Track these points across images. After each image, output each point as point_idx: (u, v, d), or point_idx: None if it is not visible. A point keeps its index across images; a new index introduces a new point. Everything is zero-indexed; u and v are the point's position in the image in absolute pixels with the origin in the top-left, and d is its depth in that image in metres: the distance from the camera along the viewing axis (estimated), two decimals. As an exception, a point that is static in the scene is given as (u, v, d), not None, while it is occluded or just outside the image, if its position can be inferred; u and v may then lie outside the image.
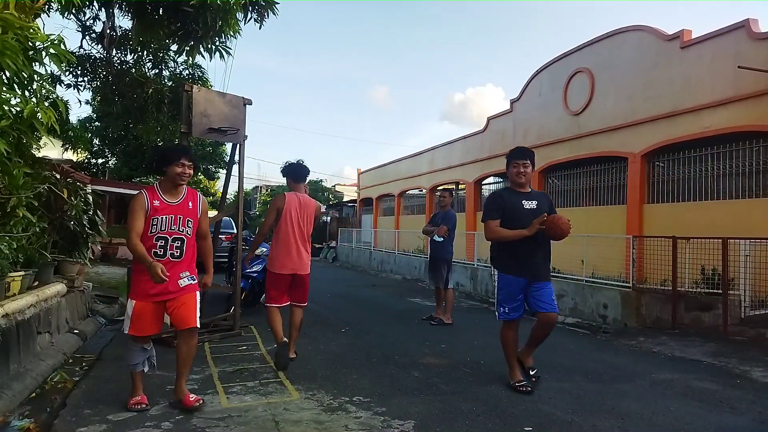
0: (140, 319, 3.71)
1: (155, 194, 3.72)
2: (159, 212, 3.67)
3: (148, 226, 3.66)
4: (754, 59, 8.25)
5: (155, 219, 3.66)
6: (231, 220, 12.66)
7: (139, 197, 3.70)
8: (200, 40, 6.02)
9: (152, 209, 3.67)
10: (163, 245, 3.68)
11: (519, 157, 4.44)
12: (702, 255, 7.45)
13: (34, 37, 3.60)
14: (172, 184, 3.76)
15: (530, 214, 4.34)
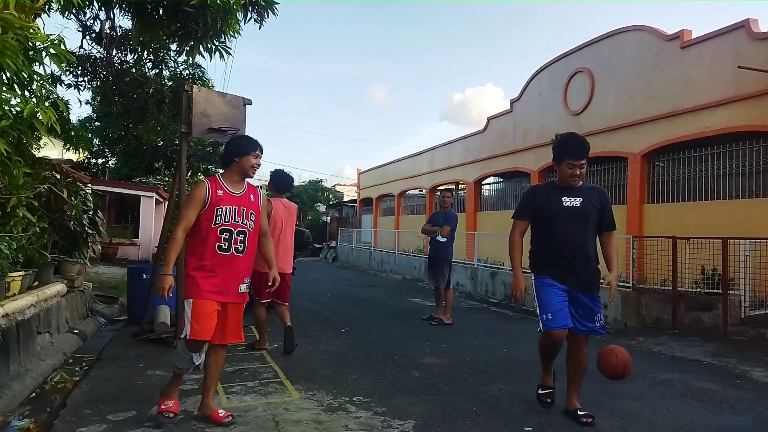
0: (202, 318, 3.31)
1: (218, 183, 3.45)
2: (223, 202, 3.39)
3: (212, 217, 3.35)
4: (754, 59, 8.25)
5: (219, 209, 3.37)
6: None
7: (200, 185, 3.42)
8: (200, 40, 6.02)
9: (216, 198, 3.38)
10: (228, 238, 3.38)
11: (576, 156, 3.60)
12: (702, 255, 7.45)
13: (34, 37, 3.60)
14: (240, 176, 3.52)
15: (571, 214, 3.64)
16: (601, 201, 3.71)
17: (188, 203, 3.40)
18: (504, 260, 11.13)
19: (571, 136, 3.78)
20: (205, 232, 3.35)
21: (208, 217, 3.35)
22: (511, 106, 14.92)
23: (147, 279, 6.63)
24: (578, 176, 3.64)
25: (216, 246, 3.35)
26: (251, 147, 3.52)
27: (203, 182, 3.45)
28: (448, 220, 7.67)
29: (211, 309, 3.33)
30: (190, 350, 3.40)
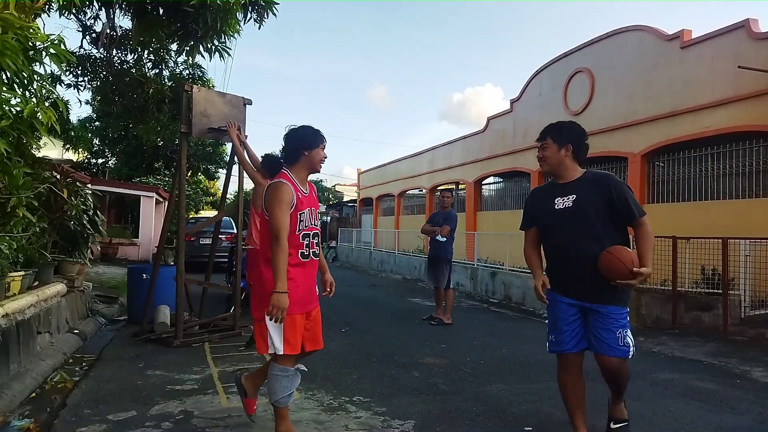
0: (295, 329, 3.02)
1: (294, 184, 3.07)
2: (303, 205, 3.07)
3: (296, 224, 3.01)
4: (754, 59, 8.25)
5: (302, 214, 3.05)
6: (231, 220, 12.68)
7: (286, 188, 2.98)
8: (200, 40, 6.02)
9: (298, 202, 3.03)
10: (308, 244, 3.10)
11: (539, 138, 3.29)
12: (702, 255, 7.45)
13: (34, 37, 3.60)
14: (309, 172, 3.19)
15: (563, 217, 3.13)
16: (605, 192, 3.04)
17: (279, 209, 2.95)
18: (504, 260, 11.13)
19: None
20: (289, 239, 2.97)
21: (292, 223, 3.01)
22: (511, 106, 14.92)
23: (147, 279, 6.63)
24: (542, 159, 3.24)
25: (299, 254, 3.05)
26: (321, 139, 3.18)
27: (285, 184, 3.02)
28: (448, 220, 7.67)
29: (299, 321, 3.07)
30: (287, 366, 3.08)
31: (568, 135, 3.20)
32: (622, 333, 3.09)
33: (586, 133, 3.30)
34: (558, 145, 3.18)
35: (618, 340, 3.09)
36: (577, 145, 3.20)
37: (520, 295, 9.79)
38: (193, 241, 13.57)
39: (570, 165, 3.20)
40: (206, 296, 6.95)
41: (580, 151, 3.21)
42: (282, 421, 3.13)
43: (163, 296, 6.29)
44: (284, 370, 3.06)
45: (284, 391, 3.06)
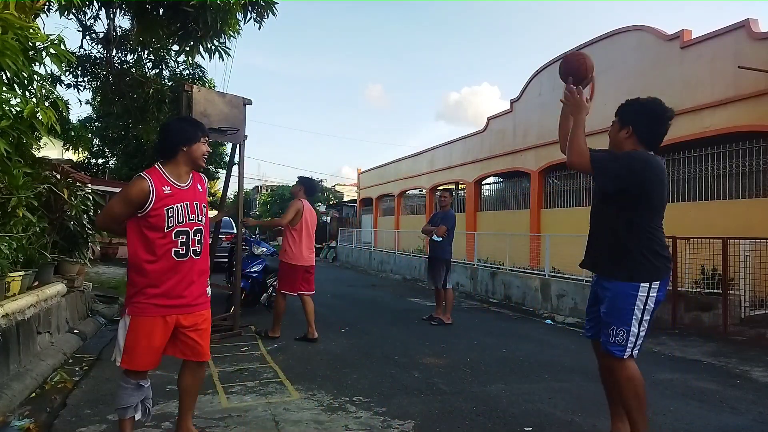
0: (138, 344, 2.78)
1: (163, 178, 2.87)
2: (172, 200, 2.85)
3: (163, 221, 2.80)
4: (754, 59, 8.25)
5: (170, 209, 2.82)
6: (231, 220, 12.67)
7: (139, 183, 2.79)
8: (200, 40, 6.02)
9: (161, 198, 2.81)
10: (185, 241, 2.87)
11: None
12: (702, 255, 7.45)
13: (34, 37, 3.60)
14: (189, 167, 2.98)
15: (593, 194, 3.16)
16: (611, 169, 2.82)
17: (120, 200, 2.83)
18: (504, 260, 11.12)
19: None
20: (159, 240, 2.82)
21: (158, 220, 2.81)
22: (510, 106, 14.92)
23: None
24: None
25: (172, 252, 2.84)
26: (198, 133, 2.97)
27: (142, 177, 2.83)
28: (446, 219, 7.67)
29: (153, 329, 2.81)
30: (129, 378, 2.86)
31: (629, 115, 2.91)
32: (614, 327, 2.81)
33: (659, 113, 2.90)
34: (620, 124, 2.95)
35: (609, 335, 2.83)
36: (638, 126, 2.87)
37: (520, 295, 9.79)
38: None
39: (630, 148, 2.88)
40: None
41: (642, 133, 2.88)
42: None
43: (163, 296, 6.28)
44: (125, 380, 2.86)
45: (121, 402, 2.84)
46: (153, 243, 2.82)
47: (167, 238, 2.83)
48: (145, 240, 2.83)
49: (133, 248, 2.86)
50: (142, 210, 2.80)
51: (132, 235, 2.86)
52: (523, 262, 10.92)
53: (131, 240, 2.87)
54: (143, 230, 2.83)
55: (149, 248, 2.83)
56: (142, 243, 2.84)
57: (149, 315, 2.80)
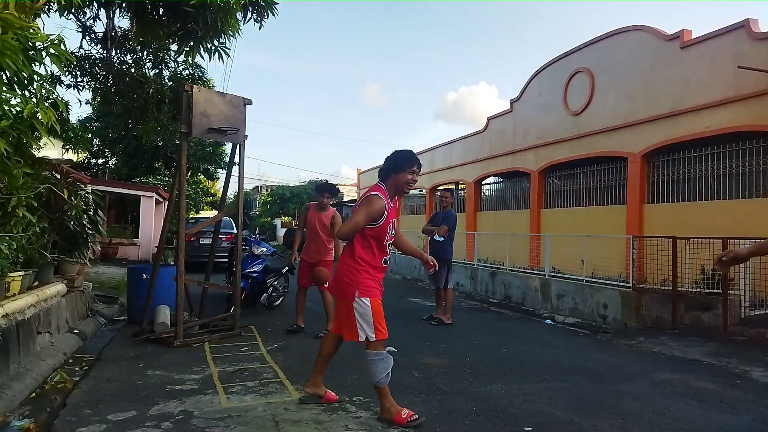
0: (383, 318, 3.62)
1: (387, 198, 3.59)
2: (390, 217, 3.58)
3: (385, 233, 3.56)
4: (754, 59, 8.25)
5: (389, 225, 3.59)
6: (231, 220, 12.68)
7: (381, 203, 3.52)
8: (200, 40, 6.02)
9: (388, 214, 3.56)
10: (390, 251, 3.71)
11: None
12: (702, 255, 7.44)
13: (34, 37, 3.60)
14: (397, 191, 3.68)
15: None
16: None
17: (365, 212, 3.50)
18: (504, 260, 11.12)
19: None
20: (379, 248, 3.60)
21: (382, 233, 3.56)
22: (510, 106, 14.92)
23: (147, 279, 6.63)
24: None
25: (382, 260, 3.63)
26: (409, 163, 3.61)
27: (380, 198, 3.53)
28: (447, 219, 7.67)
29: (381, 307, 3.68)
30: (381, 348, 3.58)
31: None
32: None
33: None
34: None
35: None
36: None
37: (520, 295, 9.79)
38: (193, 241, 13.57)
39: None
40: (206, 296, 6.95)
41: None
42: (384, 398, 3.56)
43: (163, 296, 6.29)
44: (377, 353, 3.55)
45: (381, 372, 3.51)
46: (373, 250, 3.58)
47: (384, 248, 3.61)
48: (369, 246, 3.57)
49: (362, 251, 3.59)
50: (375, 223, 3.52)
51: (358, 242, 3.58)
52: (523, 262, 10.92)
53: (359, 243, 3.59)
54: (369, 240, 3.56)
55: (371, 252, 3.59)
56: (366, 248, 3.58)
57: (378, 297, 3.63)
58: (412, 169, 3.61)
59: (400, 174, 3.59)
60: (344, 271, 3.62)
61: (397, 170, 3.60)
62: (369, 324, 3.52)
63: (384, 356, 3.55)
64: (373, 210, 3.49)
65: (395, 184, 3.63)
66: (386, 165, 3.66)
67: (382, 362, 3.53)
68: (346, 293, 3.59)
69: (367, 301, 3.52)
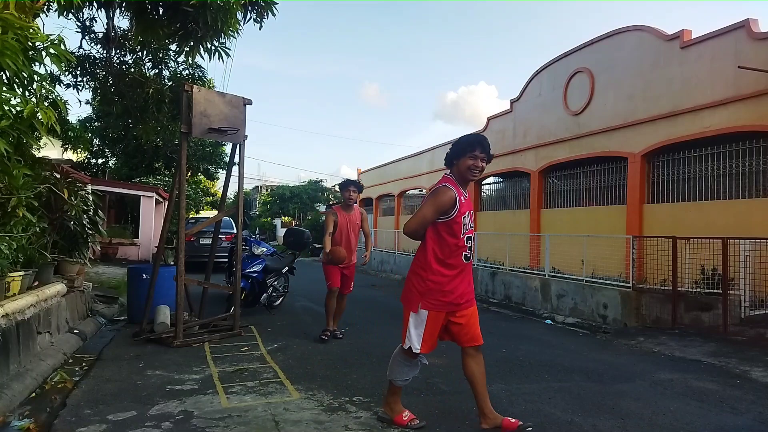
0: (434, 333, 3.34)
1: (458, 188, 3.34)
2: (463, 209, 3.31)
3: (459, 226, 3.29)
4: (754, 59, 8.25)
5: (465, 217, 3.32)
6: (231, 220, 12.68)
7: (450, 194, 3.26)
8: (200, 40, 6.02)
9: (460, 206, 3.29)
10: (470, 245, 3.37)
11: None
12: (702, 255, 7.44)
13: (34, 37, 3.60)
14: (462, 179, 3.38)
15: None
16: None
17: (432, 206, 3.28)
18: (504, 260, 11.12)
19: None
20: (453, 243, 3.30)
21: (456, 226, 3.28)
22: (510, 106, 14.92)
23: (147, 279, 6.63)
24: None
25: (462, 256, 3.33)
26: (470, 147, 3.34)
27: (450, 189, 3.29)
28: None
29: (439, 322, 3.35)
30: (410, 358, 3.44)
31: None
32: None
33: None
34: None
35: None
36: None
37: (520, 295, 9.79)
38: (193, 241, 13.57)
39: None
40: (206, 296, 6.95)
41: None
42: (392, 395, 3.55)
43: (163, 296, 6.29)
44: (407, 360, 3.43)
45: (402, 375, 3.47)
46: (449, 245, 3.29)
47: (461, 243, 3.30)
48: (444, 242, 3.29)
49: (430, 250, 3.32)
50: (447, 216, 3.26)
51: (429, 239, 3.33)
52: (523, 262, 10.92)
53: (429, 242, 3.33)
54: (443, 235, 3.29)
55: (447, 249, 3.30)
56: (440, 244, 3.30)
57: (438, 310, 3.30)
58: (474, 153, 3.31)
59: (461, 160, 3.33)
60: (412, 278, 3.42)
61: (458, 156, 3.35)
62: (419, 336, 3.31)
63: (413, 364, 3.46)
64: (440, 201, 3.25)
65: (459, 171, 3.36)
66: (449, 151, 3.41)
67: (408, 368, 3.47)
68: (410, 302, 3.38)
69: (425, 314, 3.30)
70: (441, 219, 3.27)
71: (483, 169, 3.38)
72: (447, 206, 3.24)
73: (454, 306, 3.33)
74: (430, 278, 3.29)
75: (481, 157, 3.35)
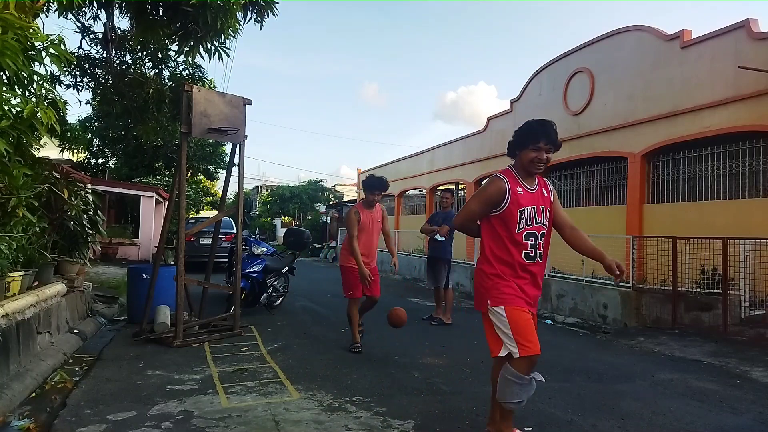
0: (528, 330, 2.88)
1: (515, 179, 3.01)
2: (521, 201, 2.96)
3: (514, 220, 2.94)
4: (754, 59, 8.25)
5: (522, 212, 2.95)
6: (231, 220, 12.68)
7: (498, 184, 2.97)
8: (200, 41, 6.02)
9: (514, 198, 2.95)
10: (534, 244, 2.99)
11: None
12: (702, 255, 7.44)
13: (34, 37, 3.60)
14: (526, 171, 3.03)
15: None
16: None
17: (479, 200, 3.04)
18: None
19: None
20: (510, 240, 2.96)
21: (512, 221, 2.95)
22: (511, 106, 14.92)
23: (147, 279, 6.63)
24: None
25: (522, 254, 2.96)
26: (534, 138, 2.96)
27: (499, 178, 3.00)
28: (448, 219, 7.68)
29: (528, 319, 2.93)
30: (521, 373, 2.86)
31: None
32: None
33: None
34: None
35: None
36: None
37: (520, 295, 9.77)
38: (193, 241, 13.57)
39: None
40: (206, 296, 6.96)
41: None
42: (504, 420, 3.05)
43: (163, 296, 6.29)
44: (517, 376, 2.86)
45: (513, 397, 2.91)
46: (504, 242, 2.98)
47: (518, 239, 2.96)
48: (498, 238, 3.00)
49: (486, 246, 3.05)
50: (498, 209, 2.97)
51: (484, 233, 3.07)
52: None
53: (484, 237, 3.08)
54: (497, 230, 3.00)
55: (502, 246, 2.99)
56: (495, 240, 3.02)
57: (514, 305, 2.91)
58: (537, 145, 2.94)
59: (523, 151, 2.99)
60: (477, 278, 3.13)
61: (520, 146, 3.01)
62: (509, 337, 2.85)
63: (525, 382, 2.87)
64: (486, 193, 3.00)
65: (521, 163, 3.02)
66: (512, 139, 3.07)
67: (520, 388, 2.88)
68: (480, 303, 3.08)
69: (501, 310, 2.90)
70: (494, 212, 2.99)
71: (548, 161, 2.98)
72: (495, 198, 2.96)
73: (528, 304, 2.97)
74: (490, 273, 3.00)
75: (546, 149, 2.95)
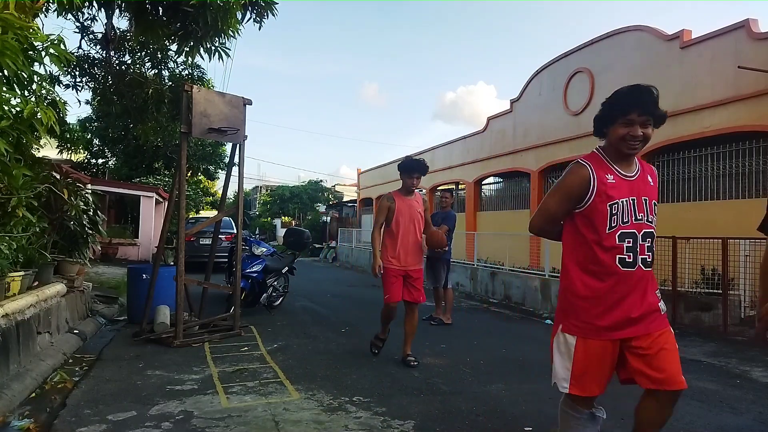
0: (591, 369, 2.34)
1: (604, 164, 2.35)
2: (616, 194, 2.30)
3: (603, 217, 2.29)
4: (754, 59, 8.25)
5: (613, 205, 2.29)
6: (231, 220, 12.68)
7: (580, 172, 2.33)
8: (200, 41, 6.02)
9: (602, 188, 2.30)
10: (632, 246, 2.30)
11: None
12: (702, 255, 7.44)
13: (34, 37, 3.60)
14: (618, 153, 2.36)
15: None
16: None
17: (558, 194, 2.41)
18: (504, 260, 11.12)
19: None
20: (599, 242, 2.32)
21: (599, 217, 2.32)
22: (511, 106, 14.92)
23: (147, 279, 6.63)
24: None
25: (616, 259, 2.31)
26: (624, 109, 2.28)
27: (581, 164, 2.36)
28: (447, 219, 7.67)
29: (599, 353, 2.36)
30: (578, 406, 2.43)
31: None
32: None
33: None
34: None
35: None
36: None
37: (520, 295, 9.79)
38: (193, 241, 13.57)
39: None
40: (206, 296, 6.96)
41: None
42: None
43: (163, 296, 6.29)
44: (574, 408, 2.43)
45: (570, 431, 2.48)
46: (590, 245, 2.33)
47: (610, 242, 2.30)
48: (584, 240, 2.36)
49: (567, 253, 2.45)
50: (582, 204, 2.34)
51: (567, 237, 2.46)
52: (523, 262, 10.92)
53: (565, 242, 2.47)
54: (582, 230, 2.36)
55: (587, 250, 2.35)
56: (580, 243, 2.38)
57: (591, 338, 2.34)
58: (628, 117, 2.26)
59: (612, 127, 2.32)
60: (559, 294, 2.55)
61: (606, 123, 2.36)
62: (566, 371, 2.37)
63: (581, 417, 2.43)
64: (565, 184, 2.37)
65: (611, 143, 2.35)
66: (598, 115, 2.41)
67: (576, 422, 2.44)
68: (555, 322, 2.53)
69: (572, 341, 2.36)
70: (577, 208, 2.35)
71: (645, 138, 2.28)
72: (576, 191, 2.32)
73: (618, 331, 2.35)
74: (570, 290, 2.40)
75: (641, 121, 2.26)
